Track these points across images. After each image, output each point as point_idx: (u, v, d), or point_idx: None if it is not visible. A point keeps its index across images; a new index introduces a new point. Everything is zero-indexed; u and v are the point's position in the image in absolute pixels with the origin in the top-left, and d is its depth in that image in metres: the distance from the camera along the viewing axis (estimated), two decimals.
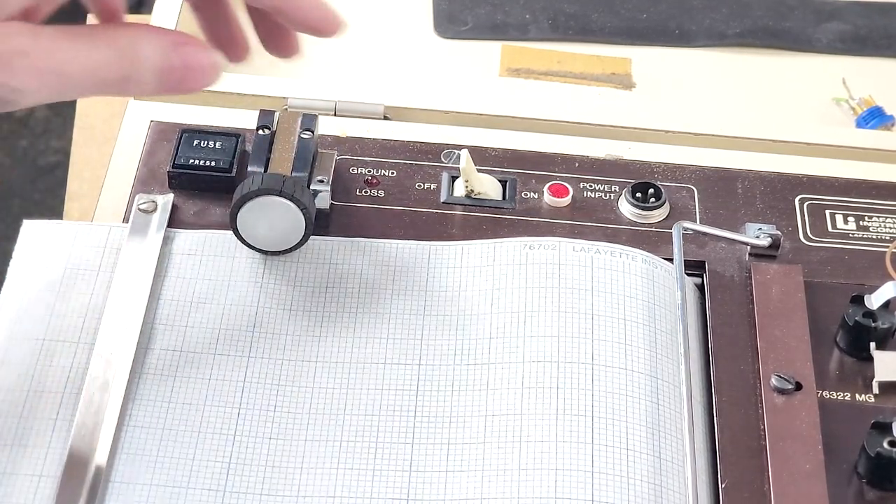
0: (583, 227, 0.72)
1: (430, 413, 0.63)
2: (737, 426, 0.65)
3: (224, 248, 0.68)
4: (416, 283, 0.68)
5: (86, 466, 0.60)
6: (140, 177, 0.72)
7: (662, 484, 0.62)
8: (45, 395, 0.62)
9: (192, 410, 0.63)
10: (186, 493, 0.60)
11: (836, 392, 0.66)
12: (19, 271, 0.67)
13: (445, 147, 0.74)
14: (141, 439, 0.62)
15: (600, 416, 0.63)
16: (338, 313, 0.67)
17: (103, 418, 0.62)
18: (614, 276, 0.68)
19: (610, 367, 0.65)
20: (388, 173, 0.73)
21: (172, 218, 0.70)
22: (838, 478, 0.63)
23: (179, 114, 0.75)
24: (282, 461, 0.62)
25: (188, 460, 0.61)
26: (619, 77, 0.85)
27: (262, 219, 0.67)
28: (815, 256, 0.72)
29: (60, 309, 0.66)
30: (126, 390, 0.63)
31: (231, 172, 0.71)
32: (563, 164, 0.74)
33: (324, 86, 0.78)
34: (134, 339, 0.64)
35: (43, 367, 0.64)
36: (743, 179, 0.75)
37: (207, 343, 0.65)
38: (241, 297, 0.67)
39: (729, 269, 0.70)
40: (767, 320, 0.68)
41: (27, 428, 0.61)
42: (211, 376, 0.64)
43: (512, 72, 0.84)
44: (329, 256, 0.69)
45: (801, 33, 0.88)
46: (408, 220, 0.71)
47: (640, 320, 0.66)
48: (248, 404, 0.63)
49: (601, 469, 0.61)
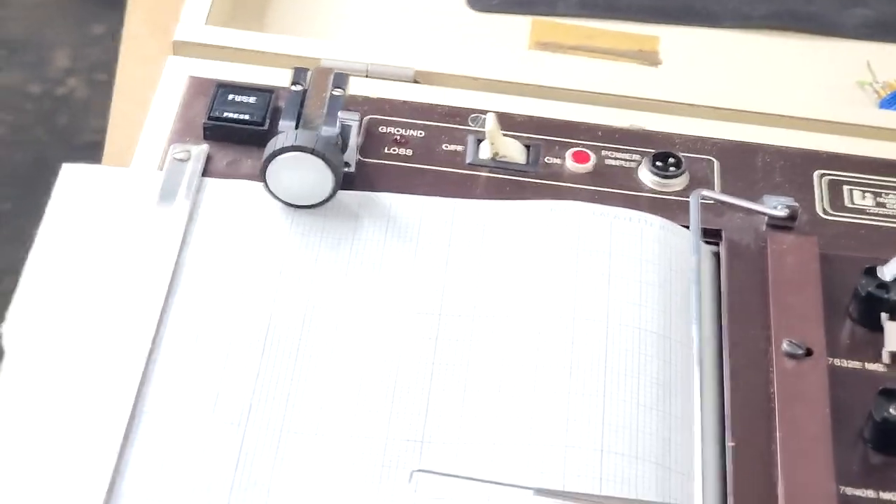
0: (603, 194, 0.73)
1: (448, 360, 0.65)
2: (747, 388, 0.66)
3: (253, 198, 0.70)
4: (439, 236, 0.70)
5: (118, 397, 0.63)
6: (176, 128, 0.74)
7: (671, 439, 0.64)
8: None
9: (218, 347, 0.65)
10: (209, 426, 0.62)
11: (846, 360, 0.68)
12: (57, 213, 0.69)
13: (472, 111, 0.76)
14: (169, 372, 0.64)
15: (612, 371, 0.65)
16: (362, 264, 0.69)
17: (133, 351, 0.64)
18: (631, 240, 0.70)
19: (624, 325, 0.66)
20: (416, 134, 0.75)
21: (206, 168, 0.72)
22: (844, 441, 0.65)
23: (216, 70, 0.77)
24: (301, 400, 0.64)
25: (213, 394, 0.63)
26: (645, 54, 0.86)
27: (292, 174, 0.69)
28: (831, 230, 0.73)
29: (97, 249, 0.68)
30: (157, 326, 0.65)
31: (263, 126, 0.73)
32: (586, 133, 0.76)
33: (357, 49, 0.80)
34: (166, 278, 0.66)
35: (77, 304, 0.66)
36: (763, 153, 0.76)
37: (234, 286, 0.67)
38: (268, 245, 0.69)
39: (745, 237, 0.72)
40: (781, 288, 0.69)
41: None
42: (237, 317, 0.66)
43: (541, 45, 0.86)
44: (356, 209, 0.71)
45: (827, 17, 0.90)
46: (433, 178, 0.73)
47: (654, 282, 0.68)
48: (272, 345, 0.65)
49: (611, 421, 0.63)
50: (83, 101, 1.79)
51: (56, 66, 1.73)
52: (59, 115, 1.78)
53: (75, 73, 1.72)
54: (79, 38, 1.73)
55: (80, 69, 1.72)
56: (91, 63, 1.72)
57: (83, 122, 1.77)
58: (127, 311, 0.65)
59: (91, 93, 1.80)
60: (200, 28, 0.79)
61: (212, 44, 0.79)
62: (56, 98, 1.79)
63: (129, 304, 0.66)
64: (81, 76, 1.72)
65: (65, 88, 1.73)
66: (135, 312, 0.65)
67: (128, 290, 0.66)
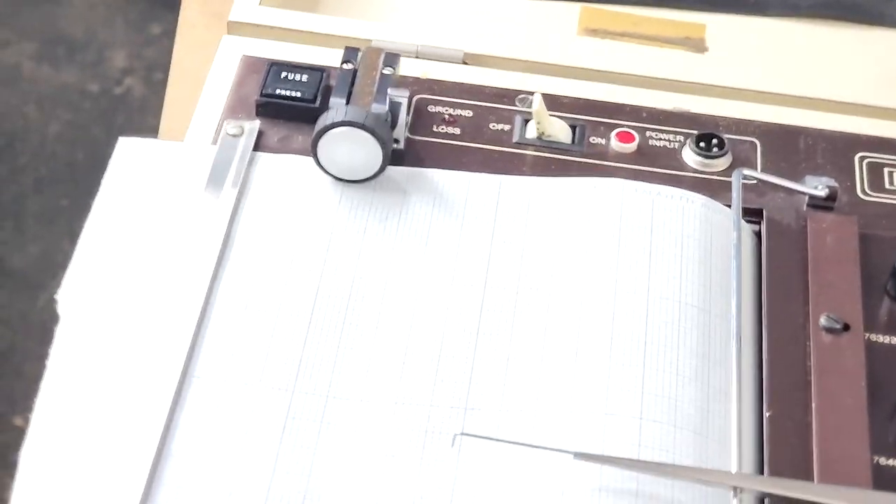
0: (646, 173, 0.75)
1: (492, 330, 0.67)
2: (784, 361, 0.67)
3: (303, 173, 0.72)
4: (485, 211, 0.71)
5: (169, 362, 0.64)
6: (229, 105, 0.76)
7: (709, 409, 0.65)
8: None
9: (267, 315, 0.67)
10: (258, 391, 0.64)
11: (883, 336, 0.69)
12: (113, 184, 0.71)
13: (520, 93, 0.78)
14: (219, 338, 0.66)
15: (652, 342, 0.66)
16: (409, 237, 0.70)
17: (184, 318, 0.66)
18: (673, 217, 0.71)
19: (664, 298, 0.68)
20: (464, 113, 0.77)
21: (257, 143, 0.74)
22: (880, 414, 0.66)
23: (269, 50, 0.79)
24: (347, 367, 0.65)
25: (261, 360, 0.65)
26: (692, 41, 0.88)
27: (342, 148, 0.71)
28: (871, 210, 0.74)
29: (150, 219, 0.70)
30: (207, 294, 0.67)
31: (315, 103, 0.75)
32: (630, 114, 0.78)
33: (407, 31, 0.82)
34: (217, 247, 0.68)
35: (130, 272, 0.68)
36: (805, 136, 0.78)
37: (284, 256, 0.69)
38: (317, 218, 0.71)
39: (786, 217, 0.73)
40: (820, 265, 0.71)
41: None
42: (286, 287, 0.68)
43: (589, 32, 0.87)
44: (404, 185, 0.72)
45: (874, 8, 0.91)
46: (481, 156, 0.75)
47: (695, 258, 0.69)
48: (319, 314, 0.67)
49: (650, 390, 0.64)
50: (140, 100, 1.82)
51: (114, 66, 1.75)
52: (116, 114, 1.80)
53: (132, 72, 1.75)
54: (136, 38, 1.76)
55: (138, 69, 1.75)
56: (148, 63, 1.75)
57: (140, 121, 1.80)
58: (179, 279, 0.67)
59: (148, 92, 1.82)
60: (254, 9, 0.81)
61: (265, 24, 0.81)
62: (113, 97, 1.82)
63: (180, 273, 0.68)
64: (138, 76, 1.75)
65: (122, 88, 1.75)
66: (186, 281, 0.67)
67: (180, 259, 0.68)
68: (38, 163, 1.65)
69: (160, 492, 0.61)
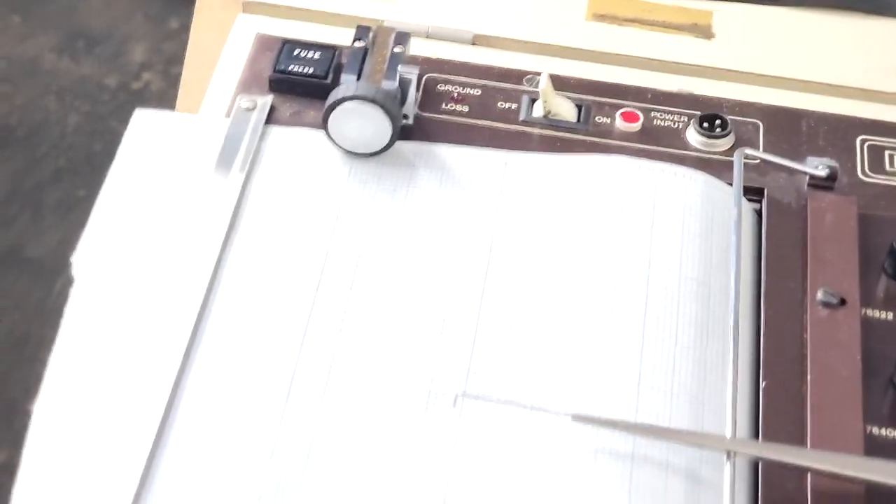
0: (650, 152, 0.76)
1: (496, 297, 0.68)
2: (781, 334, 0.69)
3: (314, 146, 0.74)
4: (491, 185, 0.73)
5: (178, 326, 0.66)
6: (243, 80, 0.78)
7: (706, 378, 0.66)
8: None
9: (275, 281, 0.68)
10: (264, 354, 0.66)
11: (879, 311, 0.70)
12: (128, 153, 0.73)
13: (527, 73, 0.80)
14: (226, 304, 0.67)
15: (652, 313, 0.68)
16: (416, 208, 0.72)
17: (194, 282, 0.68)
18: (675, 192, 0.72)
19: (664, 269, 0.69)
20: (472, 92, 0.78)
21: (270, 117, 0.75)
22: (874, 386, 0.67)
23: (282, 28, 0.81)
24: (353, 330, 0.67)
25: (268, 323, 0.67)
26: (699, 28, 0.89)
27: (352, 122, 0.73)
28: (871, 191, 0.76)
29: (164, 189, 0.71)
30: (217, 260, 0.68)
31: (327, 80, 0.76)
32: (635, 95, 0.79)
33: (418, 12, 0.83)
34: (228, 216, 0.70)
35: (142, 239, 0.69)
36: (807, 118, 0.79)
37: (293, 227, 0.71)
38: (327, 190, 0.72)
39: (787, 196, 0.75)
40: (819, 243, 0.72)
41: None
42: (295, 255, 0.69)
43: (598, 17, 0.89)
44: (412, 159, 0.74)
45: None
46: (488, 133, 0.76)
47: (696, 232, 0.71)
48: (327, 280, 0.68)
49: (649, 358, 0.66)
50: (158, 94, 1.83)
51: (132, 60, 1.77)
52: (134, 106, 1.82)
53: (151, 67, 1.77)
54: (155, 33, 1.77)
55: (156, 63, 1.77)
56: (167, 57, 1.77)
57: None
58: (190, 245, 0.69)
59: (166, 86, 1.84)
60: None
61: (279, 4, 0.83)
62: (132, 92, 1.83)
63: (192, 239, 0.69)
64: (157, 70, 1.77)
65: (140, 83, 1.77)
66: (197, 246, 0.69)
67: (191, 226, 0.70)
68: (58, 153, 1.67)
69: (164, 457, 0.62)
